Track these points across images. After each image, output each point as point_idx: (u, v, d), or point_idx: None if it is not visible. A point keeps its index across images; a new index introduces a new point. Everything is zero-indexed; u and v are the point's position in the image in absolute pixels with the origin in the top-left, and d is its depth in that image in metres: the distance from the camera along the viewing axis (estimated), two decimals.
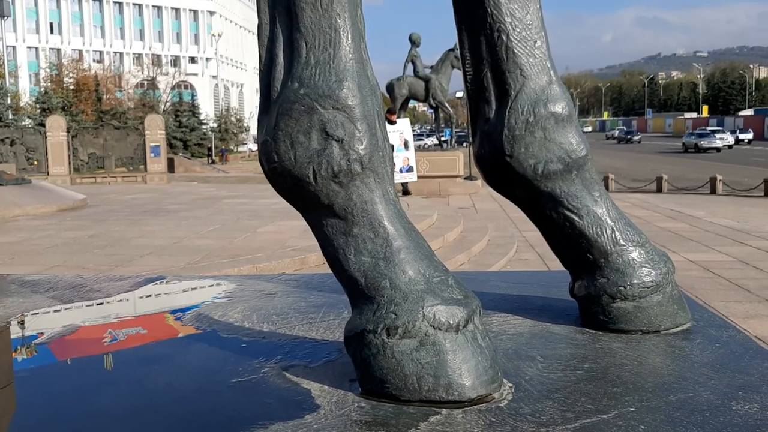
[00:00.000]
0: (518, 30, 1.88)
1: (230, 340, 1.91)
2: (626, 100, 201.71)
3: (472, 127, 2.04)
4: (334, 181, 1.52)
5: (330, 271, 1.64)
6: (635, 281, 1.87)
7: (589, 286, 1.92)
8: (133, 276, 2.86)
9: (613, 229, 1.90)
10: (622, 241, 1.90)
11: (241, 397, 1.49)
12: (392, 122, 19.96)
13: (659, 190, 25.49)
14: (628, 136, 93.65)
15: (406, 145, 19.94)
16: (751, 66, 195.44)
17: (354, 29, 1.56)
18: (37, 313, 2.27)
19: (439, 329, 1.44)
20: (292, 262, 11.14)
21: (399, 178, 19.36)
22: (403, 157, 19.76)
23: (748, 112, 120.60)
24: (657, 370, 1.62)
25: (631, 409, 1.38)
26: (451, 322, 1.44)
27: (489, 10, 1.88)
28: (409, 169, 20.24)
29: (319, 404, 1.44)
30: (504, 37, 1.88)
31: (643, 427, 1.30)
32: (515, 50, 1.88)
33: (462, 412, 1.38)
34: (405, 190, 19.98)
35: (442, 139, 26.62)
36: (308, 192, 1.54)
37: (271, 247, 12.21)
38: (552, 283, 2.56)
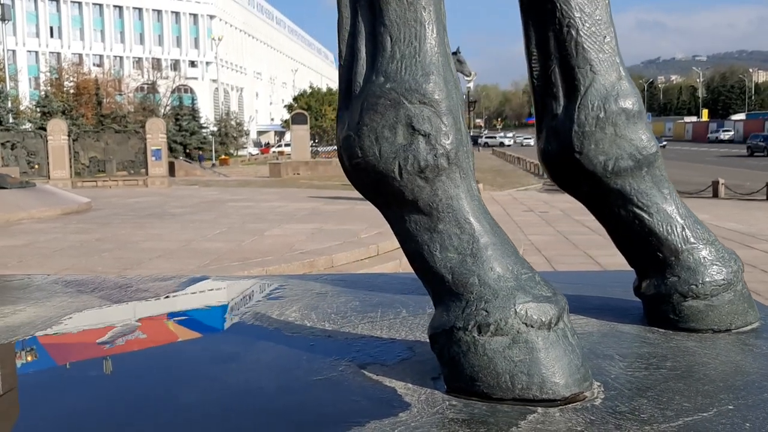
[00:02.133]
0: (588, 25, 1.86)
1: (296, 338, 1.89)
2: None
3: (538, 124, 2.02)
4: (420, 177, 1.49)
5: (376, 272, 1.60)
6: (707, 279, 1.84)
7: (658, 284, 1.90)
8: (178, 276, 2.84)
9: (683, 226, 1.88)
10: (692, 239, 1.87)
11: (327, 395, 1.47)
12: None
13: None
14: None
15: None
16: (751, 70, 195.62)
17: (438, 22, 1.53)
18: (92, 313, 2.25)
19: (532, 327, 1.41)
20: (301, 265, 11.11)
21: None
22: None
23: (740, 116, 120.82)
24: (742, 368, 1.60)
25: (730, 407, 1.35)
26: (543, 320, 1.42)
27: (558, 5, 1.85)
28: None
29: (409, 402, 1.41)
30: (573, 33, 1.86)
31: (748, 424, 1.27)
32: (585, 45, 1.86)
33: (559, 410, 1.36)
34: None
35: None
36: (392, 187, 1.51)
37: (280, 250, 12.19)
38: (604, 283, 2.54)
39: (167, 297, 2.47)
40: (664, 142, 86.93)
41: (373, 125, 1.51)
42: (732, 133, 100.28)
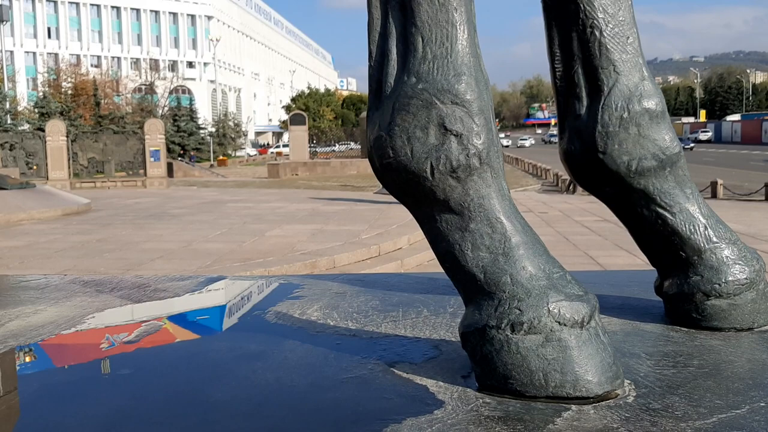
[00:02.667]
0: (611, 26, 1.87)
1: (321, 337, 1.89)
2: None
3: (560, 124, 2.03)
4: (452, 176, 1.50)
5: (392, 271, 1.61)
6: (730, 279, 1.85)
7: (681, 283, 1.91)
8: (194, 276, 2.84)
9: (706, 226, 1.89)
10: (715, 239, 1.89)
11: (359, 393, 1.47)
12: None
13: None
14: None
15: None
16: (748, 71, 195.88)
17: (469, 23, 1.54)
18: (114, 313, 2.25)
19: (565, 325, 1.42)
20: (303, 265, 11.12)
21: None
22: None
23: (735, 116, 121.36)
24: None
25: (761, 404, 1.36)
26: (576, 318, 1.43)
27: (582, 6, 1.86)
28: None
29: (443, 400, 1.41)
30: (597, 33, 1.87)
31: None
32: (608, 46, 1.87)
33: (593, 408, 1.36)
34: None
35: None
36: (423, 187, 1.52)
37: (281, 250, 12.19)
38: (621, 282, 2.55)
39: (187, 296, 2.48)
40: (692, 144, 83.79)
41: (405, 125, 1.52)
42: (710, 134, 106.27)
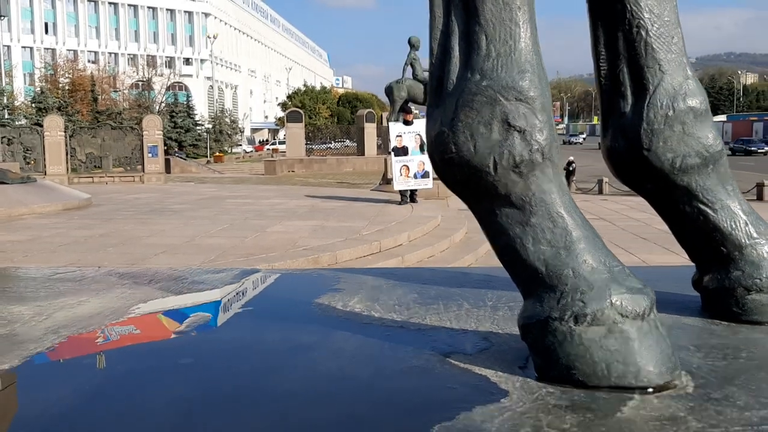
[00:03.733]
0: (657, 26, 1.90)
1: (370, 328, 1.93)
2: None
3: (603, 122, 2.06)
4: (515, 171, 1.53)
5: (440, 263, 1.65)
6: None
7: (722, 278, 1.95)
8: (229, 269, 2.88)
9: (746, 222, 1.93)
10: (755, 235, 1.92)
11: (422, 382, 1.51)
12: (408, 122, 17.90)
13: None
14: None
15: (422, 148, 17.27)
16: (739, 72, 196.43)
17: (532, 22, 1.58)
18: (159, 304, 2.28)
19: (627, 317, 1.46)
20: (306, 261, 11.15)
21: (413, 184, 17.66)
22: (418, 161, 17.52)
23: (722, 117, 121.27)
24: None
25: None
26: (637, 310, 1.47)
27: (628, 6, 1.90)
28: (425, 175, 17.66)
29: (506, 389, 1.45)
30: (643, 33, 1.90)
31: None
32: (654, 46, 1.90)
33: (655, 397, 1.40)
34: (412, 198, 17.95)
35: None
36: (485, 182, 1.55)
37: (283, 246, 12.21)
38: (653, 278, 2.57)
39: (225, 288, 2.51)
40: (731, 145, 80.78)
41: (469, 121, 1.55)
42: None
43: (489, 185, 1.55)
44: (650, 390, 1.43)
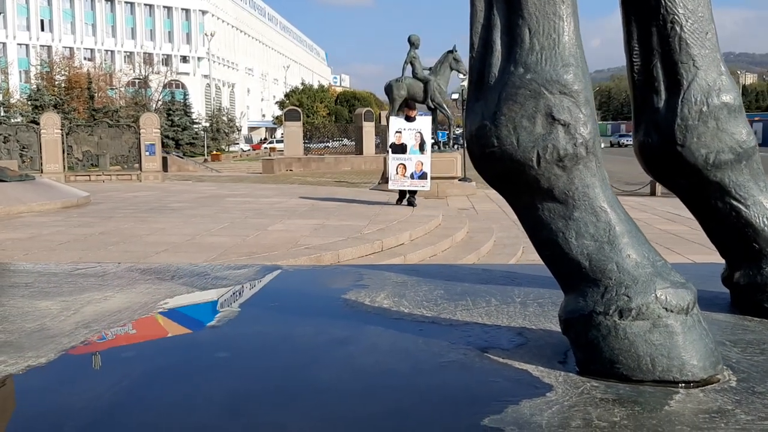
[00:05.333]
0: (691, 21, 1.90)
1: (402, 323, 1.93)
2: (615, 104, 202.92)
3: (636, 117, 2.06)
4: (558, 165, 1.53)
5: (442, 262, 1.65)
6: None
7: (754, 274, 1.95)
8: (250, 265, 2.87)
9: None
10: None
11: (463, 376, 1.51)
12: (411, 119, 16.94)
13: (653, 193, 25.56)
14: (620, 140, 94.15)
15: (421, 147, 16.61)
16: (738, 72, 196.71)
17: (575, 16, 1.58)
18: (186, 299, 2.28)
19: (671, 311, 1.46)
20: (308, 259, 11.13)
21: (408, 184, 16.75)
22: (416, 161, 16.66)
23: None
24: None
25: None
26: (682, 305, 1.47)
27: (662, 1, 1.90)
28: (422, 176, 16.76)
29: (550, 383, 1.45)
30: (677, 28, 1.90)
31: None
32: (688, 41, 1.90)
33: (700, 391, 1.41)
34: (410, 202, 16.89)
35: (444, 141, 26.55)
36: (528, 176, 1.55)
37: (285, 245, 12.19)
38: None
39: (249, 284, 2.51)
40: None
41: (512, 115, 1.55)
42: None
43: (531, 179, 1.55)
44: (694, 384, 1.43)
